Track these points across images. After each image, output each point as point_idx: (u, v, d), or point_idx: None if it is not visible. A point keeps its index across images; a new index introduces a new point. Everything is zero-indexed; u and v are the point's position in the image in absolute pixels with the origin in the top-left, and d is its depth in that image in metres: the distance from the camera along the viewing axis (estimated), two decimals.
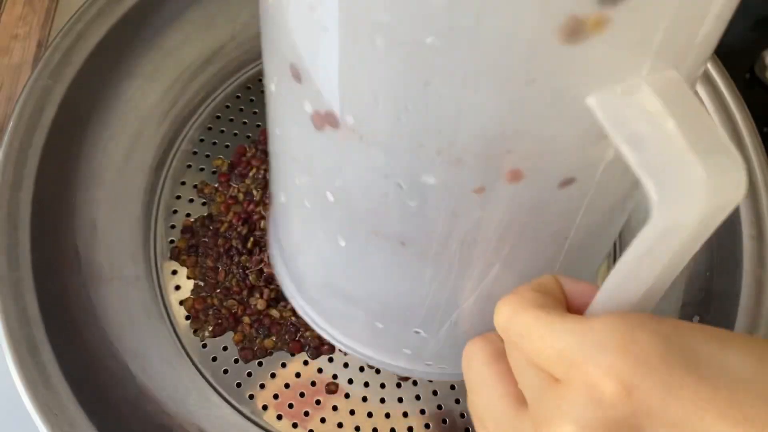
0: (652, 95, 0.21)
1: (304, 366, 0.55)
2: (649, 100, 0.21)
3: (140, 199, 0.59)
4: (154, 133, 0.62)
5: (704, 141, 0.21)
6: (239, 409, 0.53)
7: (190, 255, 0.58)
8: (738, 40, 0.72)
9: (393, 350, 0.45)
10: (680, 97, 0.22)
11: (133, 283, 0.56)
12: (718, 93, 0.55)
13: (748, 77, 0.71)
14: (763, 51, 0.71)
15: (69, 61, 0.54)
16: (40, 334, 0.45)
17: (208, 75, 0.65)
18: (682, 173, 0.20)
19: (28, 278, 0.47)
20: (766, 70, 0.70)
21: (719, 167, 0.21)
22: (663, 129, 0.21)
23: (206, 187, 0.61)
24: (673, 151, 0.21)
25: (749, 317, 0.48)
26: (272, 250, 0.50)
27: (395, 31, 0.21)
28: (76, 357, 0.48)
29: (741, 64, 0.71)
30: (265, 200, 0.59)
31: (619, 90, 0.22)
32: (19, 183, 0.49)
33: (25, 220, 0.49)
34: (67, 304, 0.50)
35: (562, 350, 0.23)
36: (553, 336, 0.23)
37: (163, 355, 0.54)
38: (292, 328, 0.55)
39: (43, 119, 0.51)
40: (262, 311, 0.56)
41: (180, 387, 0.53)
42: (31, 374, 0.44)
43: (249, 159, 0.62)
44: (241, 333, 0.55)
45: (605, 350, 0.22)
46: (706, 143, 0.21)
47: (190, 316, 0.56)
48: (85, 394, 0.45)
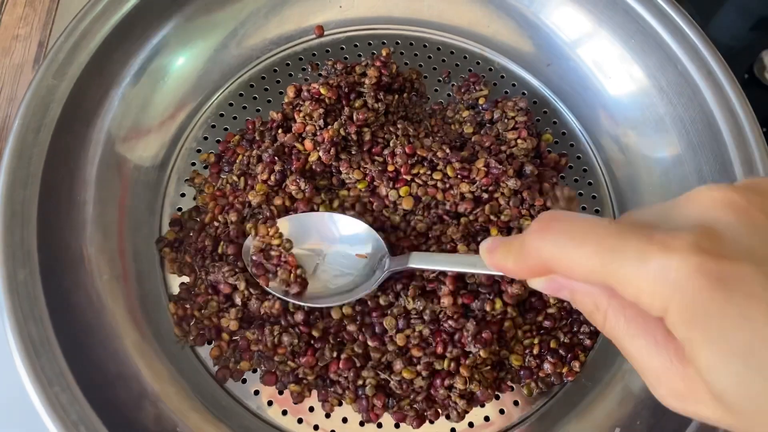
0: None
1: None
2: None
3: (145, 197, 0.59)
4: (159, 131, 0.62)
5: None
6: (245, 404, 0.54)
7: (172, 249, 0.58)
8: (737, 40, 0.72)
9: None
10: None
11: (138, 280, 0.56)
12: (723, 92, 0.56)
13: (747, 77, 0.71)
14: (762, 51, 0.72)
15: (73, 60, 0.54)
16: (49, 333, 0.46)
17: (211, 73, 0.66)
18: None
19: (36, 277, 0.47)
20: (765, 70, 0.70)
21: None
22: None
23: (197, 177, 0.61)
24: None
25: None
26: None
27: None
28: (84, 355, 0.48)
29: (740, 64, 0.71)
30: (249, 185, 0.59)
31: None
32: (25, 181, 0.49)
33: (32, 218, 0.49)
34: (74, 302, 0.50)
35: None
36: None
37: (168, 352, 0.54)
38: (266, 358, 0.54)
39: (48, 118, 0.52)
40: (235, 331, 0.55)
41: (185, 383, 0.53)
42: (38, 372, 0.44)
43: (234, 147, 0.62)
44: (218, 348, 0.55)
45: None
46: None
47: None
48: (92, 392, 0.45)
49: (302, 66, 0.68)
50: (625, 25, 0.61)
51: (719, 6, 0.76)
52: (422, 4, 0.70)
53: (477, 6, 0.70)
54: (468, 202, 0.57)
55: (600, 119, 0.66)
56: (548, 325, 0.57)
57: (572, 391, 0.56)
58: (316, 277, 0.55)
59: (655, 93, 0.61)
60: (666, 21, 0.59)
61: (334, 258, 0.55)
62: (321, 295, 0.54)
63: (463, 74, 0.68)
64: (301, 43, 0.69)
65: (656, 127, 0.61)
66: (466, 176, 0.58)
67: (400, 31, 0.71)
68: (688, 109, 0.58)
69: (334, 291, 0.54)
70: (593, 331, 0.57)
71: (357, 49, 0.69)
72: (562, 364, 0.56)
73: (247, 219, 0.58)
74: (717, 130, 0.55)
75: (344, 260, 0.55)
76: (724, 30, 0.69)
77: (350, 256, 0.55)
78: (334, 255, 0.55)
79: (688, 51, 0.58)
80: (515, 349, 0.56)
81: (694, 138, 0.58)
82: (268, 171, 0.57)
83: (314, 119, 0.59)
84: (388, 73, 0.63)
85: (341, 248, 0.55)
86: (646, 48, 0.60)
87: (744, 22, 0.73)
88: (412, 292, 0.54)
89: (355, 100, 0.61)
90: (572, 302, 0.31)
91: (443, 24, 0.71)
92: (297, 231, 0.55)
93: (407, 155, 0.58)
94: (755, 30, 0.73)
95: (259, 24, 0.67)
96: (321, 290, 0.54)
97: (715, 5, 0.76)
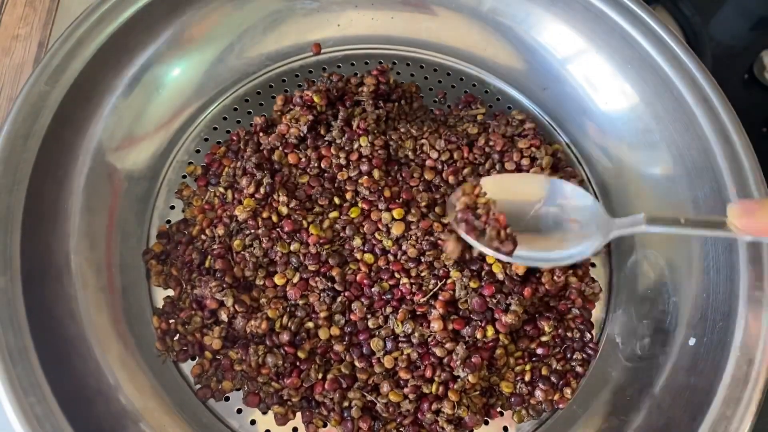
0: None
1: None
2: None
3: (134, 208, 0.59)
4: (150, 142, 0.61)
5: None
6: (227, 423, 0.52)
7: (158, 261, 0.57)
8: (737, 40, 0.72)
9: None
10: None
11: (124, 292, 0.55)
12: (707, 99, 0.55)
13: (746, 77, 0.71)
14: (762, 51, 0.72)
15: (66, 68, 0.54)
16: (27, 341, 0.44)
17: (206, 86, 0.65)
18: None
19: (17, 284, 0.46)
20: (764, 70, 0.70)
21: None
22: None
23: (186, 189, 0.61)
24: None
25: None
26: None
27: None
28: (63, 367, 0.47)
29: (740, 65, 0.71)
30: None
31: None
32: (10, 188, 0.48)
33: (17, 225, 0.48)
34: (56, 312, 0.49)
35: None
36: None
37: (151, 366, 0.53)
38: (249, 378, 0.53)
39: (38, 125, 0.51)
40: (218, 350, 0.54)
41: (167, 398, 0.52)
42: (13, 381, 0.43)
43: (220, 159, 0.61)
44: (199, 366, 0.54)
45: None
46: None
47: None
48: (69, 406, 0.44)
49: (298, 82, 0.68)
50: (621, 49, 0.61)
51: (719, 6, 0.76)
52: (420, 26, 0.71)
53: (475, 29, 0.70)
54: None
55: (593, 140, 0.66)
56: (542, 353, 0.56)
57: (563, 417, 0.55)
58: (523, 237, 0.51)
59: (649, 116, 0.61)
60: (658, 43, 0.59)
61: (543, 220, 0.52)
62: (529, 258, 0.51)
63: (460, 95, 0.68)
64: (298, 60, 0.69)
65: (650, 150, 0.61)
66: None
67: (398, 51, 0.71)
68: (682, 133, 0.58)
69: (542, 255, 0.51)
70: (585, 358, 0.56)
71: (354, 68, 0.69)
72: (554, 390, 0.55)
73: (234, 234, 0.57)
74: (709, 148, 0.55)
75: (553, 223, 0.52)
76: (724, 30, 0.69)
77: (561, 219, 0.52)
78: (544, 217, 0.52)
79: (681, 72, 0.57)
80: (506, 376, 0.55)
81: (688, 162, 0.57)
82: (255, 184, 0.57)
83: (300, 123, 0.59)
84: (385, 81, 0.63)
85: (551, 210, 0.52)
86: (642, 72, 0.60)
87: (744, 22, 0.73)
88: (401, 316, 0.53)
89: (353, 108, 0.61)
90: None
91: (441, 45, 0.71)
92: (501, 191, 0.52)
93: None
94: (755, 30, 0.74)
95: (256, 39, 0.67)
96: (528, 251, 0.51)
97: (715, 5, 0.77)
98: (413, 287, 0.55)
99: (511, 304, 0.53)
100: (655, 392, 0.52)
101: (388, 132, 0.61)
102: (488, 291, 0.53)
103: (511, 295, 0.54)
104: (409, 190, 0.59)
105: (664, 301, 0.56)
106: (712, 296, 0.52)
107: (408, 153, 0.61)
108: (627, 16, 0.60)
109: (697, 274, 0.54)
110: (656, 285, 0.57)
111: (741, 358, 0.47)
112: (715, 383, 0.47)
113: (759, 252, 0.50)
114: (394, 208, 0.56)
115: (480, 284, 0.54)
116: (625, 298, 0.59)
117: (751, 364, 0.47)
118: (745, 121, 0.55)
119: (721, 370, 0.47)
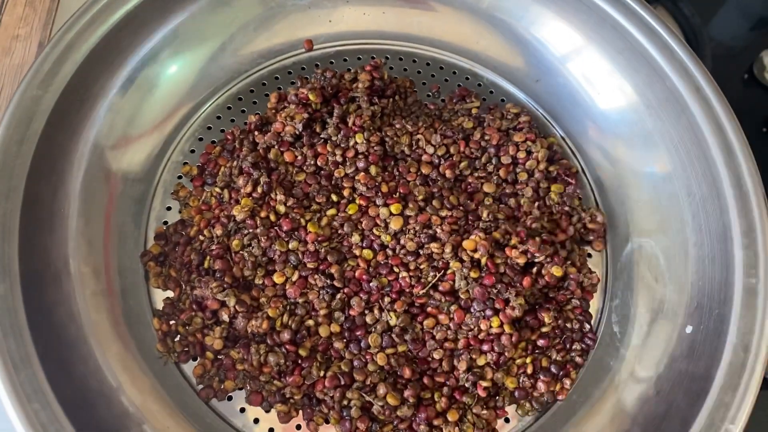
0: None
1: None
2: None
3: (131, 210, 0.59)
4: (145, 143, 0.61)
5: None
6: (231, 422, 0.53)
7: (157, 263, 0.57)
8: (737, 40, 0.72)
9: None
10: None
11: (123, 295, 0.55)
12: (701, 92, 0.56)
13: (746, 77, 0.72)
14: (762, 51, 0.73)
15: (58, 71, 0.53)
16: (29, 348, 0.44)
17: (199, 85, 0.65)
18: None
19: (17, 291, 0.46)
20: (764, 70, 0.71)
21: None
22: None
23: (182, 190, 0.60)
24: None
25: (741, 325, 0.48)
26: None
27: None
28: (65, 372, 0.47)
29: (740, 64, 0.72)
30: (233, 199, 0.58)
31: None
32: (7, 194, 0.48)
33: (14, 231, 0.48)
34: (56, 317, 0.49)
35: None
36: None
37: (152, 368, 0.53)
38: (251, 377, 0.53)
39: (31, 130, 0.51)
40: (219, 350, 0.54)
41: (169, 399, 0.52)
42: (17, 388, 0.43)
43: (216, 158, 0.61)
44: (201, 366, 0.54)
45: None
46: None
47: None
48: (73, 410, 0.44)
49: (291, 80, 0.67)
50: (616, 44, 0.62)
51: (719, 6, 0.77)
52: (412, 20, 0.71)
53: (467, 22, 0.70)
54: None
55: (588, 133, 0.66)
56: (542, 344, 0.56)
57: (564, 407, 0.55)
58: None
59: (645, 111, 0.61)
60: (654, 37, 0.59)
61: None
62: None
63: (453, 89, 0.68)
64: (290, 57, 0.69)
65: (645, 142, 0.61)
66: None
67: (390, 46, 0.71)
68: (678, 128, 0.58)
69: None
70: (585, 349, 0.57)
71: (346, 63, 0.69)
72: (555, 382, 0.55)
73: (232, 234, 0.57)
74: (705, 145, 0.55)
75: None
76: (724, 30, 0.69)
77: None
78: None
79: (676, 67, 0.58)
80: (511, 369, 0.55)
81: (684, 156, 0.58)
82: (252, 184, 0.57)
83: (295, 121, 0.59)
84: (380, 76, 0.63)
85: None
86: (635, 64, 0.61)
87: (744, 22, 0.73)
88: (399, 305, 0.54)
89: (348, 105, 0.61)
90: None
91: (433, 39, 0.71)
92: None
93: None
94: (755, 30, 0.74)
95: (248, 37, 0.67)
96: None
97: (715, 5, 0.77)
98: (412, 280, 0.55)
99: (511, 294, 0.53)
100: (653, 380, 0.52)
101: (383, 128, 0.61)
102: (489, 281, 0.54)
103: (512, 285, 0.54)
104: (406, 184, 0.59)
105: (660, 290, 0.56)
106: (707, 284, 0.53)
107: (404, 149, 0.61)
108: (624, 12, 0.60)
109: (692, 262, 0.55)
110: (652, 274, 0.58)
111: (738, 345, 0.47)
112: (713, 370, 0.47)
113: (753, 240, 0.50)
114: (391, 203, 0.57)
115: (480, 274, 0.54)
116: (621, 288, 0.59)
117: (747, 351, 0.47)
118: (745, 121, 0.55)
119: (719, 358, 0.48)
